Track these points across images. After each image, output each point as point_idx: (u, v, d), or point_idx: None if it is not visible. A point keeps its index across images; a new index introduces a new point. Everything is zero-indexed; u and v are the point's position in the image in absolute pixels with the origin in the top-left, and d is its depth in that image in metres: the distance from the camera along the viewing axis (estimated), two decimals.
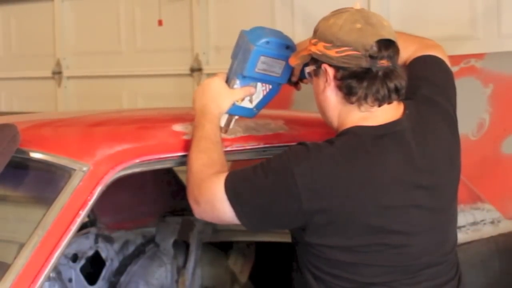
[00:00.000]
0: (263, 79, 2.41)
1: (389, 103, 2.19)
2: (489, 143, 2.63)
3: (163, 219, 3.53)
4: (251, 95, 2.40)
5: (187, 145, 2.38)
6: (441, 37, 4.28)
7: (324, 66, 2.19)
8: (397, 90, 2.18)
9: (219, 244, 3.46)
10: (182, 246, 3.45)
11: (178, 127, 2.47)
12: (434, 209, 2.21)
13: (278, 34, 2.42)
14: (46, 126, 2.73)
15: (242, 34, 2.42)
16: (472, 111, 3.01)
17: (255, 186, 2.16)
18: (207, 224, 3.38)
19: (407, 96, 2.26)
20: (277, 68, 2.38)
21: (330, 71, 2.18)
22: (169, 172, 3.61)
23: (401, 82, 2.19)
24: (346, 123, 2.21)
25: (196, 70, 5.38)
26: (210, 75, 5.36)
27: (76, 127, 2.71)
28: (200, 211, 2.25)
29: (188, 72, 5.42)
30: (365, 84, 2.14)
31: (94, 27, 5.97)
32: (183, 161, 2.37)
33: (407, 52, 2.41)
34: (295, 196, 2.10)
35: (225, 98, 2.38)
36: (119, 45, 5.85)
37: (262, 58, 2.36)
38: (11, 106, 6.53)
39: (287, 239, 2.99)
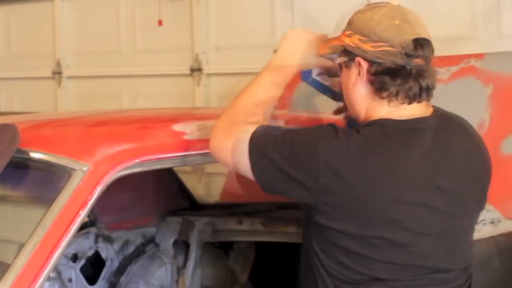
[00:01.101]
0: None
1: (419, 101, 2.20)
2: (489, 143, 2.62)
3: (163, 219, 3.53)
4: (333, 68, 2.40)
5: (187, 145, 2.38)
6: (441, 37, 4.29)
7: (358, 59, 2.20)
8: (428, 89, 2.19)
9: (219, 244, 3.46)
10: (182, 246, 3.45)
11: (178, 127, 2.47)
12: (448, 214, 2.19)
13: None
14: (46, 126, 2.73)
15: None
16: (472, 111, 3.01)
17: (278, 148, 2.16)
18: (207, 224, 3.38)
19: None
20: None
21: (364, 65, 2.19)
22: (169, 172, 3.61)
23: (433, 81, 2.20)
24: (373, 116, 2.22)
25: (196, 70, 5.37)
26: (210, 75, 5.38)
27: (76, 127, 2.71)
28: (218, 148, 2.26)
29: (188, 72, 5.41)
30: (398, 81, 2.16)
31: (94, 27, 5.97)
32: (183, 161, 2.37)
33: None
34: (313, 169, 2.11)
35: (313, 56, 2.39)
36: (119, 45, 5.84)
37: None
38: (11, 106, 6.53)
39: (287, 239, 3.00)
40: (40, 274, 2.10)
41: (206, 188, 5.19)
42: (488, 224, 2.82)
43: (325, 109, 2.75)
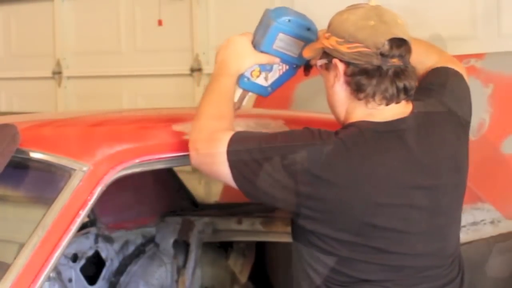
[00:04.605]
0: (280, 57, 2.39)
1: (397, 102, 2.19)
2: (489, 143, 2.63)
3: (163, 219, 3.53)
4: (274, 63, 2.38)
5: (187, 145, 2.38)
6: (441, 37, 4.29)
7: (335, 61, 2.20)
8: (406, 90, 2.18)
9: (219, 244, 3.46)
10: (182, 246, 3.45)
11: (178, 127, 2.47)
12: (434, 211, 2.19)
13: (301, 15, 2.41)
14: (46, 126, 2.73)
15: (266, 11, 2.42)
16: (472, 111, 3.01)
17: (257, 155, 2.15)
18: (207, 224, 3.38)
19: (419, 98, 2.25)
20: (295, 49, 2.37)
21: (341, 66, 2.19)
22: (169, 172, 3.61)
23: (411, 82, 2.18)
24: (352, 117, 2.21)
25: (196, 70, 5.37)
26: (210, 75, 5.37)
27: (76, 127, 2.71)
28: (198, 161, 2.25)
29: (188, 72, 5.42)
30: (374, 81, 2.15)
31: (94, 27, 5.97)
32: (183, 161, 2.37)
33: (430, 61, 2.42)
34: (293, 176, 2.10)
35: (247, 57, 2.38)
36: (119, 45, 5.84)
37: (281, 35, 2.35)
38: (11, 106, 6.53)
39: (287, 239, 2.99)
40: (40, 274, 2.10)
41: (206, 188, 5.19)
42: (488, 224, 2.83)
43: (326, 109, 2.75)
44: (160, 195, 3.62)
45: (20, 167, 2.38)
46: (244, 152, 2.16)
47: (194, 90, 5.39)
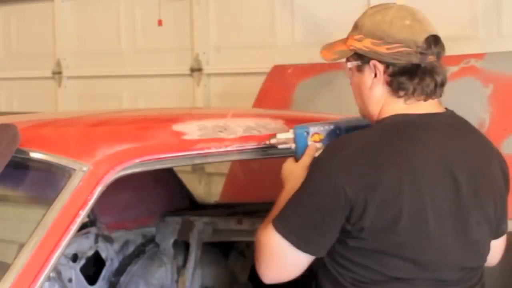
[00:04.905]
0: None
1: (434, 98, 2.23)
2: None
3: (163, 219, 3.53)
4: (315, 152, 2.36)
5: (187, 145, 2.38)
6: (441, 37, 4.29)
7: (373, 62, 2.22)
8: (442, 85, 2.24)
9: (219, 244, 3.46)
10: (182, 246, 3.45)
11: (178, 127, 2.47)
12: (461, 209, 2.17)
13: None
14: (46, 126, 2.73)
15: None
16: (472, 111, 3.01)
17: (297, 207, 2.16)
18: (207, 224, 3.38)
19: None
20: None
21: (380, 67, 2.22)
22: (169, 172, 3.61)
23: (445, 77, 2.24)
24: (387, 112, 2.23)
25: (196, 70, 5.37)
26: (210, 75, 5.38)
27: (76, 127, 2.71)
28: (268, 272, 2.23)
29: (188, 72, 5.41)
30: (416, 80, 2.19)
31: (94, 27, 5.96)
32: (183, 161, 2.37)
33: None
34: (339, 189, 2.09)
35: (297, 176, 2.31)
36: (119, 45, 5.84)
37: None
38: (11, 106, 6.53)
39: None
40: (40, 274, 2.10)
41: (206, 188, 5.19)
42: None
43: (327, 109, 2.75)
44: (160, 195, 3.62)
45: (20, 167, 2.38)
46: (290, 216, 2.16)
47: (194, 90, 5.39)
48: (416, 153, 2.14)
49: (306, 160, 2.33)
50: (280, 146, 2.44)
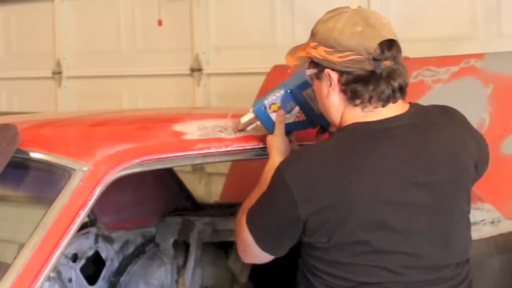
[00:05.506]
0: (304, 105, 2.42)
1: (394, 102, 2.18)
2: (489, 143, 2.62)
3: (163, 219, 3.53)
4: (283, 118, 2.41)
5: (187, 145, 2.38)
6: (441, 37, 4.30)
7: (327, 71, 2.18)
8: (401, 88, 2.17)
9: (219, 244, 3.46)
10: (182, 246, 3.45)
11: (178, 127, 2.47)
12: (433, 209, 2.17)
13: None
14: (46, 126, 2.73)
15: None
16: (472, 111, 3.01)
17: (262, 208, 2.21)
18: (207, 224, 3.38)
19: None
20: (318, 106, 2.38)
21: (334, 76, 2.18)
22: (169, 172, 3.61)
23: (405, 79, 2.18)
24: (347, 120, 2.21)
25: (196, 70, 5.37)
26: (210, 75, 5.38)
27: (76, 127, 2.71)
28: (244, 256, 2.31)
29: (188, 72, 5.42)
30: (370, 87, 2.14)
31: (94, 27, 5.97)
32: (183, 161, 2.37)
33: None
34: (293, 202, 2.10)
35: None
36: (119, 45, 5.84)
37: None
38: (11, 106, 6.53)
39: None
40: (40, 274, 2.10)
41: (206, 188, 5.19)
42: (488, 224, 2.82)
43: None
44: (160, 195, 3.62)
45: (20, 167, 2.39)
46: (255, 214, 2.22)
47: (194, 90, 5.39)
48: (372, 166, 2.11)
49: (279, 128, 2.41)
50: (248, 128, 2.50)
